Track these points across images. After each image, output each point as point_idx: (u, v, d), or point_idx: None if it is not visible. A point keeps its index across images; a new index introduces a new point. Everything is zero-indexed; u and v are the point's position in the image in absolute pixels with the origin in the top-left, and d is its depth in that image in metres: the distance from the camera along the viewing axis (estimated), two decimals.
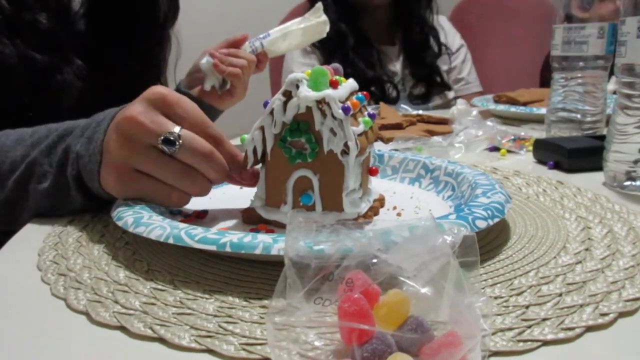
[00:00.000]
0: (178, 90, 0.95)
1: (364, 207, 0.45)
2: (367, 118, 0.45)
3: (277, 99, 0.43)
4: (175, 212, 0.49)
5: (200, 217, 0.49)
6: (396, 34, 1.47)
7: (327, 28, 0.93)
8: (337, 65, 0.47)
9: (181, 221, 0.44)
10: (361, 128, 0.43)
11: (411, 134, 0.82)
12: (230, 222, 0.48)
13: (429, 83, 1.44)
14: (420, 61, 1.44)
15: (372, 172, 0.48)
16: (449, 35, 1.51)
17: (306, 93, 0.42)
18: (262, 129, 0.44)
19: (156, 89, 0.46)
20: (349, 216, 0.44)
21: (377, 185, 0.53)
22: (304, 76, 0.43)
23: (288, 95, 0.43)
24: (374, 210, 0.47)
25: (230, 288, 0.36)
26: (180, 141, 0.44)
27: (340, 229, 0.31)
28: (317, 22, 0.91)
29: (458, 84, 1.52)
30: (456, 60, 1.52)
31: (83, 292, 0.36)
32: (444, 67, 1.48)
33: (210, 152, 0.45)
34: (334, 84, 0.43)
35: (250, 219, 0.47)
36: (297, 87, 0.42)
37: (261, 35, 0.95)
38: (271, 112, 0.43)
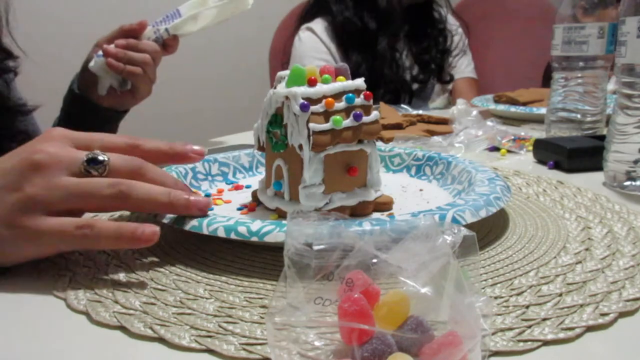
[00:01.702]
0: (71, 91, 0.84)
1: (323, 202, 0.45)
2: (337, 117, 0.44)
3: (270, 91, 0.46)
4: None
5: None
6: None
7: (251, 1, 0.79)
8: (342, 64, 0.48)
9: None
10: (326, 126, 0.43)
11: (411, 134, 0.82)
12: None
13: (431, 71, 1.45)
14: (428, 61, 1.44)
15: (351, 171, 0.47)
16: (452, 29, 1.51)
17: (279, 89, 0.45)
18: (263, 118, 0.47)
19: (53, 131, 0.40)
20: (306, 209, 0.44)
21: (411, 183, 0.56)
22: (287, 73, 0.45)
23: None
24: (363, 209, 0.47)
25: (230, 288, 0.36)
26: (107, 157, 0.38)
27: (340, 229, 0.31)
28: None
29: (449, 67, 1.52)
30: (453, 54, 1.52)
31: (83, 292, 0.36)
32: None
33: (140, 162, 0.40)
34: (311, 82, 0.44)
35: (254, 198, 0.51)
36: (280, 82, 0.46)
37: (169, 14, 0.79)
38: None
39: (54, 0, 1.84)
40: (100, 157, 0.38)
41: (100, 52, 0.77)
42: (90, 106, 0.82)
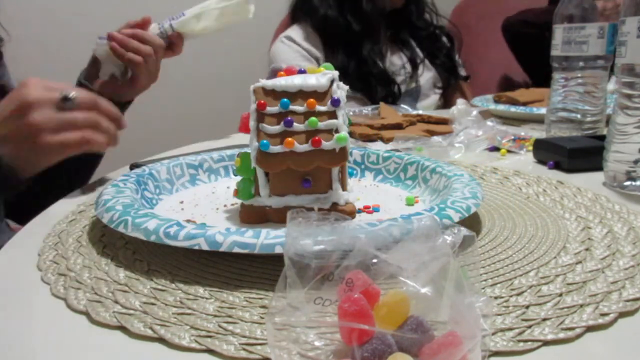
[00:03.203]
0: (78, 83, 0.86)
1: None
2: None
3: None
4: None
5: None
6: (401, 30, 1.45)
7: (252, 10, 0.81)
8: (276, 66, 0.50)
9: None
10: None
11: (411, 134, 0.82)
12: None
13: (450, 72, 1.44)
14: (436, 54, 1.43)
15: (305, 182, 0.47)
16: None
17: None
18: None
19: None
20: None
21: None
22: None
23: None
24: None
25: (230, 288, 0.36)
26: (75, 94, 0.56)
27: (340, 230, 0.31)
28: (238, 2, 0.80)
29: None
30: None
31: (83, 292, 0.36)
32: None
33: (98, 100, 0.58)
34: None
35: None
36: None
37: (174, 16, 0.82)
38: None
39: None
40: (70, 95, 0.56)
41: (104, 36, 0.79)
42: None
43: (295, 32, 1.41)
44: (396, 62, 1.42)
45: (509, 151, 0.77)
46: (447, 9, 1.75)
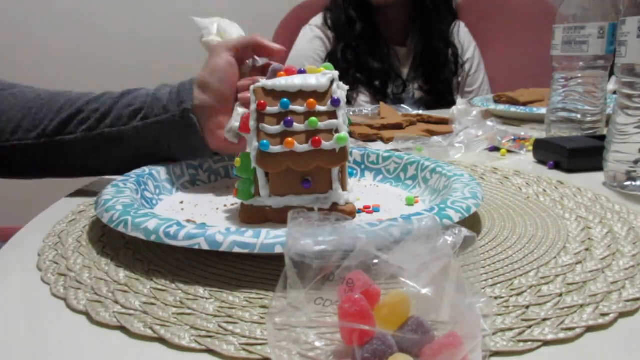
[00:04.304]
0: (181, 108, 0.57)
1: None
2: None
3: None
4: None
5: None
6: (409, 36, 1.43)
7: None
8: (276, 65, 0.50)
9: None
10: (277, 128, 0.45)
11: (411, 134, 0.82)
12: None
13: (438, 97, 1.40)
14: (435, 77, 1.40)
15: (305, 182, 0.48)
16: (464, 44, 1.47)
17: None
18: None
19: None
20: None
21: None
22: None
23: None
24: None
25: (230, 288, 0.36)
26: None
27: (341, 230, 0.31)
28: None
29: (468, 96, 1.47)
30: (466, 70, 1.48)
31: (83, 292, 0.36)
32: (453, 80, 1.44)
33: None
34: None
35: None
36: None
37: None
38: None
39: None
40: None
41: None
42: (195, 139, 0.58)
43: (317, 19, 1.44)
44: (399, 66, 1.41)
45: (509, 151, 0.77)
46: None
